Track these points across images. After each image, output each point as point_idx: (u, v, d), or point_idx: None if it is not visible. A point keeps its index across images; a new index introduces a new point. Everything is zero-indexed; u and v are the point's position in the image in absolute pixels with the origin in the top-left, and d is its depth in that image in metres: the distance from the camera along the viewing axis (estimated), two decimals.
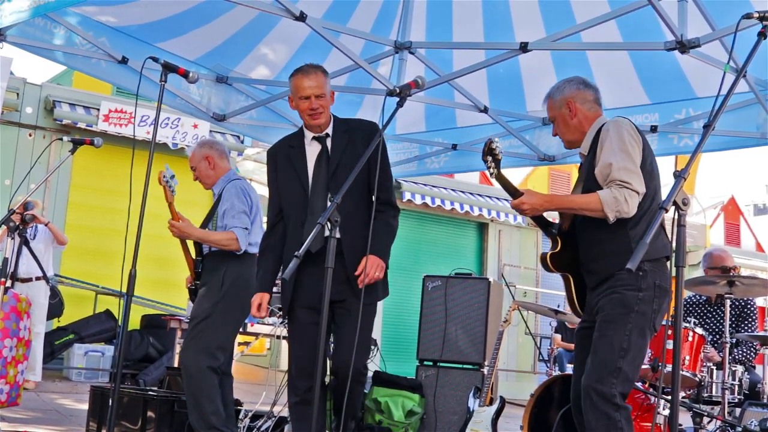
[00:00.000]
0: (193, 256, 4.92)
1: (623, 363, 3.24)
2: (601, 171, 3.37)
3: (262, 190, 14.16)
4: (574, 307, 3.68)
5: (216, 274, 4.72)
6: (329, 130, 3.93)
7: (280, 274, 6.51)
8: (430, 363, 6.43)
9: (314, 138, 3.93)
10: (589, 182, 3.47)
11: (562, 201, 3.54)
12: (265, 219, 4.29)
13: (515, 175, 15.70)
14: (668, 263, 3.39)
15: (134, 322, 10.29)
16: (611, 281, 3.36)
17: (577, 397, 3.48)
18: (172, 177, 4.78)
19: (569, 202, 3.49)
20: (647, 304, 3.30)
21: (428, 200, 13.02)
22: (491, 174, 3.45)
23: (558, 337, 9.88)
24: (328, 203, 3.56)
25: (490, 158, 3.43)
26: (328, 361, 3.98)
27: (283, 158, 4.00)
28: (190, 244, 4.92)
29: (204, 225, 4.90)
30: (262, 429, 5.41)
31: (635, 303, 3.29)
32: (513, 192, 3.45)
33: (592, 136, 3.57)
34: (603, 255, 3.40)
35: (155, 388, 6.36)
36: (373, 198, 3.76)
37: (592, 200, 3.32)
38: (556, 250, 3.60)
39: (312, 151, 3.94)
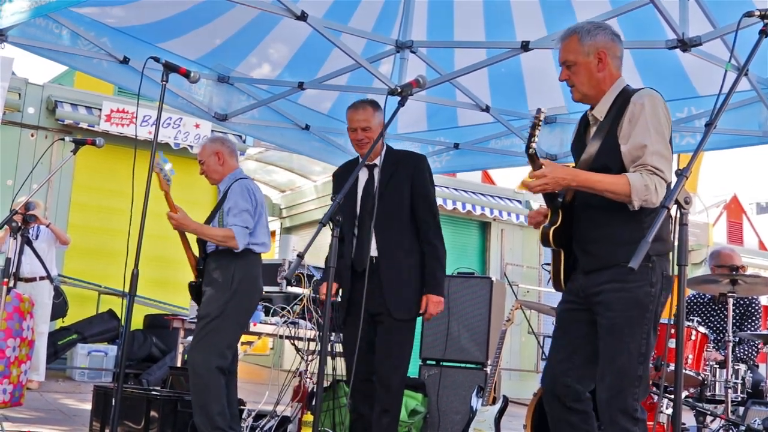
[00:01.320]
0: (196, 254, 4.92)
1: (642, 369, 3.04)
2: (632, 152, 3.05)
3: (265, 190, 14.16)
4: (559, 283, 3.37)
5: (225, 272, 4.71)
6: (378, 160, 4.29)
7: (283, 274, 6.51)
8: (433, 362, 6.43)
9: (365, 165, 4.32)
10: (606, 155, 3.13)
11: (587, 179, 3.06)
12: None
13: (517, 174, 15.69)
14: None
15: (137, 322, 10.31)
16: (616, 271, 3.07)
17: (551, 385, 3.28)
18: (167, 164, 4.77)
19: (595, 181, 3.04)
20: (658, 299, 3.08)
21: None
22: (530, 150, 3.10)
23: None
24: (372, 231, 4.19)
25: (538, 131, 3.12)
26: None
27: (342, 179, 4.43)
28: (192, 241, 4.92)
29: (208, 222, 4.90)
30: (265, 429, 5.41)
31: (649, 301, 3.05)
32: (534, 164, 3.09)
33: (611, 100, 3.21)
34: (609, 240, 3.12)
35: (158, 388, 6.36)
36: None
37: (620, 182, 2.99)
38: (558, 225, 3.27)
39: (362, 177, 4.36)
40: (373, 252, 4.23)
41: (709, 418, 4.73)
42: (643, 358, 3.05)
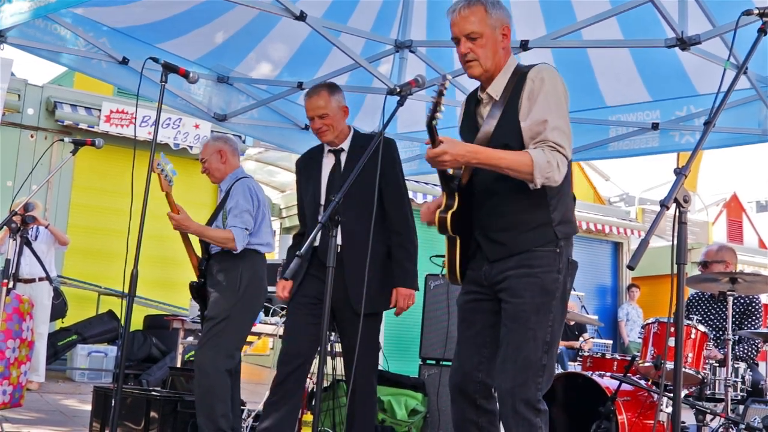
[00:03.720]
0: (198, 254, 4.92)
1: (547, 358, 2.94)
2: (532, 127, 2.92)
3: (265, 190, 14.18)
4: (455, 275, 3.18)
5: (232, 274, 4.70)
6: (345, 145, 4.14)
7: (279, 275, 6.52)
8: (433, 362, 6.43)
9: (330, 151, 4.16)
10: (505, 133, 2.96)
11: (488, 155, 2.85)
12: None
13: None
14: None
15: (137, 323, 10.31)
16: (523, 257, 2.99)
17: (462, 382, 3.12)
18: (168, 164, 4.73)
19: (498, 158, 2.85)
20: (565, 286, 3.00)
21: (429, 199, 13.01)
22: (432, 120, 2.79)
23: None
24: (325, 207, 3.89)
25: (442, 102, 2.81)
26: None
27: (304, 168, 4.28)
28: (195, 242, 4.91)
29: (210, 223, 4.90)
30: None
31: (556, 288, 2.97)
32: (433, 140, 2.85)
33: (506, 78, 3.06)
34: (517, 227, 3.00)
35: (158, 389, 6.36)
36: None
37: (523, 160, 2.84)
38: (455, 210, 3.05)
39: (327, 163, 4.17)
40: (338, 241, 3.83)
41: (708, 417, 4.73)
42: (548, 347, 2.94)
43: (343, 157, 4.13)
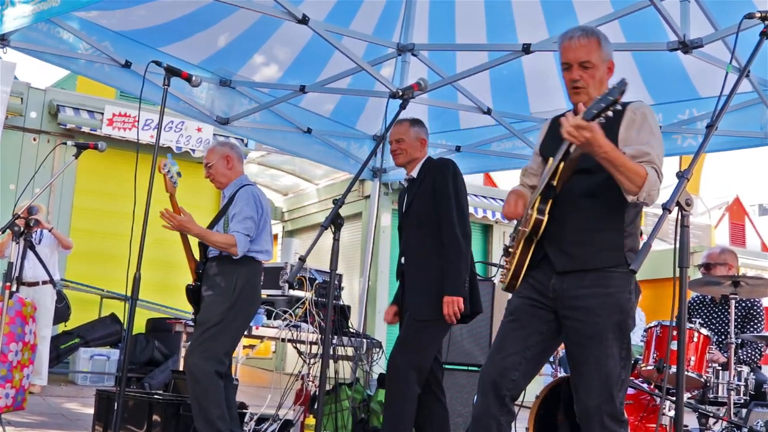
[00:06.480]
0: (197, 257, 4.91)
1: (625, 373, 3.08)
2: (635, 155, 2.94)
3: (267, 193, 14.21)
4: (516, 280, 3.21)
5: (227, 279, 4.69)
6: (415, 172, 4.54)
7: (285, 277, 6.51)
8: None
9: (407, 180, 4.62)
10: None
11: (618, 155, 2.83)
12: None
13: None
14: None
15: (139, 326, 10.29)
16: (599, 276, 3.07)
17: (498, 376, 3.17)
18: (175, 166, 4.77)
19: (620, 158, 2.84)
20: (634, 306, 3.13)
21: None
22: (596, 118, 2.74)
23: None
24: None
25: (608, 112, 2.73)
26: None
27: (400, 200, 4.77)
28: (193, 245, 4.91)
29: (210, 227, 4.89)
30: None
31: (630, 308, 3.07)
32: (593, 118, 2.76)
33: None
34: (594, 244, 3.08)
35: (161, 392, 6.36)
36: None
37: (640, 170, 2.85)
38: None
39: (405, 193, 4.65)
40: (402, 259, 4.55)
41: (711, 420, 4.72)
42: (624, 363, 3.08)
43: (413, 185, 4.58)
